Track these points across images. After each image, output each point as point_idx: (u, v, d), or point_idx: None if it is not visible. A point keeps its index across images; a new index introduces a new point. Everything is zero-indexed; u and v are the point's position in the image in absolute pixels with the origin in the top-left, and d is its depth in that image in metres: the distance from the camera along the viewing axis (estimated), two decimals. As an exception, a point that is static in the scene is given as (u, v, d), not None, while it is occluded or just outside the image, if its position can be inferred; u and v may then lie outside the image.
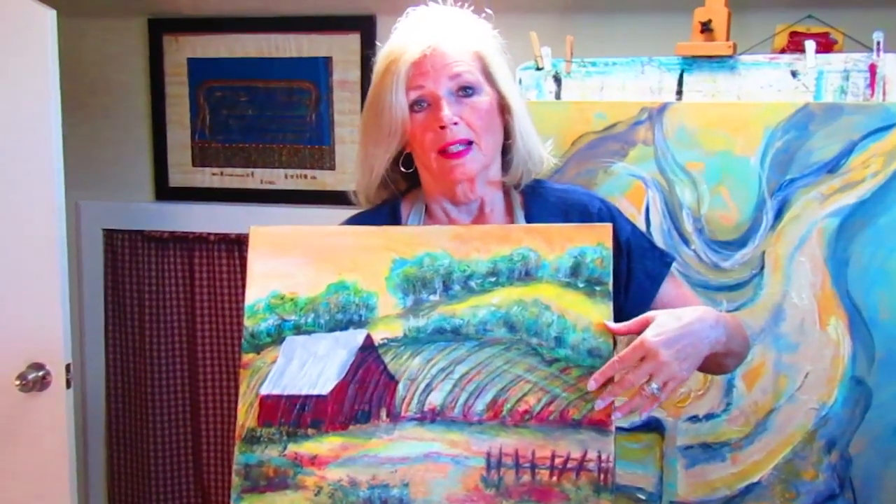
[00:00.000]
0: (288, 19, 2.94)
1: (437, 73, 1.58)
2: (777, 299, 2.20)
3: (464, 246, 1.55)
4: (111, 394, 3.27)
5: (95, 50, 3.10)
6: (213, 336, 3.17)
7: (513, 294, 1.53)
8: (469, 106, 1.60)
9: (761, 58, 2.26)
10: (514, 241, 1.54)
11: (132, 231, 3.17)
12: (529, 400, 1.49)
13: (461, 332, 1.53)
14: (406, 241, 1.57)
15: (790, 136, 2.17)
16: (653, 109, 2.27)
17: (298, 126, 3.01)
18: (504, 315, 1.52)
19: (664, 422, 2.30)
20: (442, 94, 1.58)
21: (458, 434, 1.49)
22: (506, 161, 1.70)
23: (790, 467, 2.22)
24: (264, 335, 1.55)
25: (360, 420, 1.51)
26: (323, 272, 1.56)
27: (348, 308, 1.55)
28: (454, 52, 1.60)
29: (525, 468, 1.47)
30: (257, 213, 3.05)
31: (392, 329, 1.53)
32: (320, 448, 1.50)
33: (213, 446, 3.23)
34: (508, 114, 1.66)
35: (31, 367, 2.37)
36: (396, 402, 1.51)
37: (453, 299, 1.54)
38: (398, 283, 1.55)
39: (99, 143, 3.16)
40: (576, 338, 1.50)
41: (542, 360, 1.50)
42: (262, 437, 1.51)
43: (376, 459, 1.49)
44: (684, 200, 2.25)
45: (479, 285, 1.54)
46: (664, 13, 2.58)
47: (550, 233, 1.54)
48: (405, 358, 1.53)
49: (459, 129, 1.58)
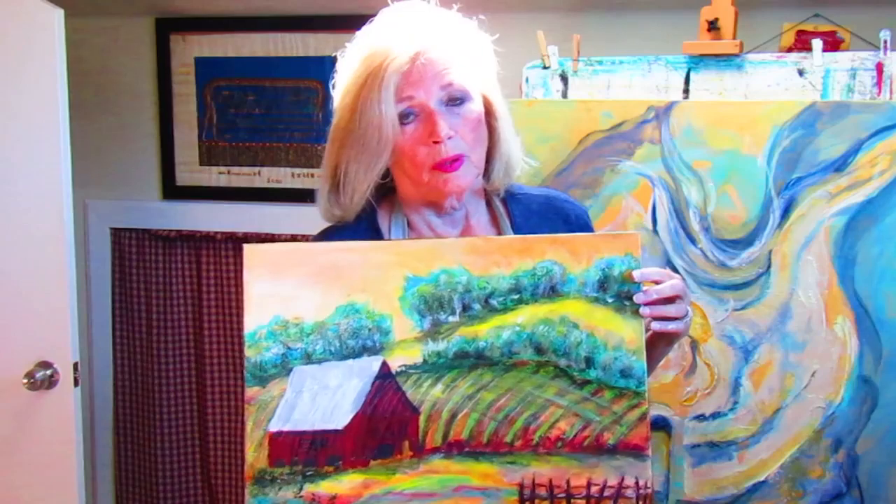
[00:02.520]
0: (295, 18, 2.95)
1: (428, 82, 1.48)
2: (784, 298, 2.20)
3: (482, 260, 1.43)
4: (119, 392, 3.28)
5: (103, 49, 3.11)
6: (220, 334, 3.18)
7: (538, 312, 1.43)
8: (461, 117, 1.50)
9: (768, 56, 2.25)
10: (536, 253, 1.43)
11: (140, 230, 3.17)
12: (561, 426, 1.43)
13: (485, 356, 1.43)
14: (419, 257, 1.43)
15: (797, 134, 2.16)
16: (660, 108, 2.26)
17: (305, 125, 3.01)
18: (530, 335, 1.43)
19: (671, 420, 2.30)
20: (434, 105, 1.48)
21: (488, 465, 1.42)
22: (487, 167, 1.60)
23: (797, 466, 2.22)
24: (269, 366, 1.41)
25: (382, 455, 1.42)
26: (330, 293, 1.42)
27: (360, 333, 1.42)
28: (444, 57, 1.49)
29: (560, 498, 1.42)
30: (264, 211, 3.05)
31: (410, 354, 1.42)
32: (340, 487, 1.41)
33: (220, 444, 3.23)
34: (494, 118, 1.57)
35: (38, 366, 2.38)
36: (420, 434, 1.42)
37: (474, 320, 1.43)
38: (414, 304, 1.43)
39: (106, 141, 3.17)
40: (607, 357, 1.43)
41: (572, 383, 1.43)
42: (276, 478, 1.40)
43: (402, 497, 1.41)
44: (691, 199, 2.25)
45: (501, 304, 1.44)
46: (671, 12, 2.57)
47: (575, 243, 1.44)
48: (426, 386, 1.43)
49: (455, 144, 1.49)
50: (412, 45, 1.47)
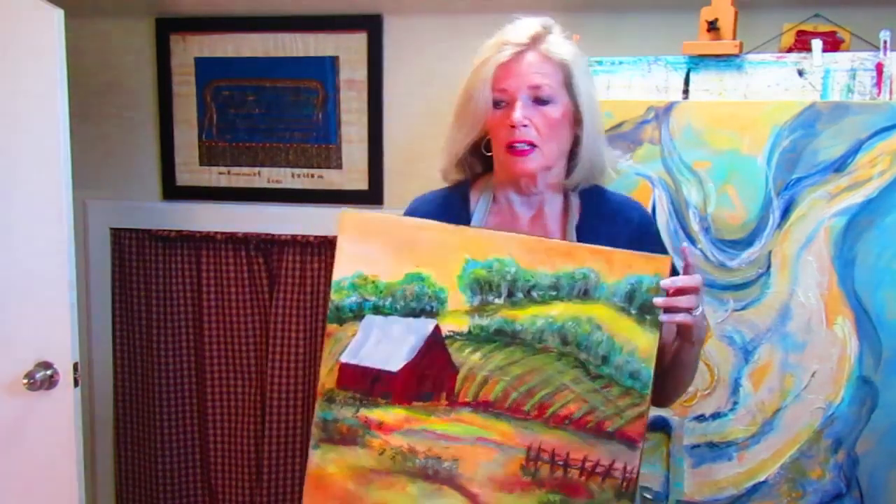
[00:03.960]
0: (295, 18, 2.95)
1: (519, 78, 1.74)
2: (784, 298, 2.20)
3: (531, 257, 1.68)
4: (119, 392, 3.28)
5: (103, 49, 3.11)
6: (220, 335, 3.18)
7: (570, 310, 1.66)
8: (540, 113, 1.74)
9: (768, 56, 2.25)
10: (578, 259, 1.66)
11: (139, 230, 3.17)
12: (571, 407, 1.66)
13: (519, 337, 1.68)
14: (479, 244, 1.70)
15: (797, 135, 2.17)
16: (659, 108, 2.27)
17: (305, 125, 3.01)
18: (559, 328, 1.67)
19: (671, 421, 2.30)
20: (519, 97, 1.74)
21: (506, 425, 1.68)
22: (570, 166, 1.84)
23: (797, 466, 2.22)
24: (347, 310, 1.73)
25: (423, 399, 1.70)
26: (403, 262, 1.71)
27: (422, 298, 1.71)
28: (538, 62, 1.75)
29: (559, 465, 1.66)
30: (264, 211, 3.05)
31: (459, 323, 1.70)
32: (387, 417, 1.71)
33: (220, 444, 3.23)
34: (579, 126, 1.80)
35: (38, 366, 2.38)
36: (456, 388, 1.69)
37: (515, 305, 1.68)
38: (468, 283, 1.70)
39: (106, 142, 3.17)
40: (620, 359, 1.64)
41: (587, 374, 1.66)
42: (339, 399, 1.73)
43: (434, 435, 1.69)
44: (691, 199, 2.25)
45: (540, 296, 1.68)
46: (671, 12, 2.57)
47: (613, 257, 1.65)
48: (467, 351, 1.70)
49: (527, 131, 1.74)
50: (517, 46, 1.75)
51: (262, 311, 3.15)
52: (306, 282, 3.06)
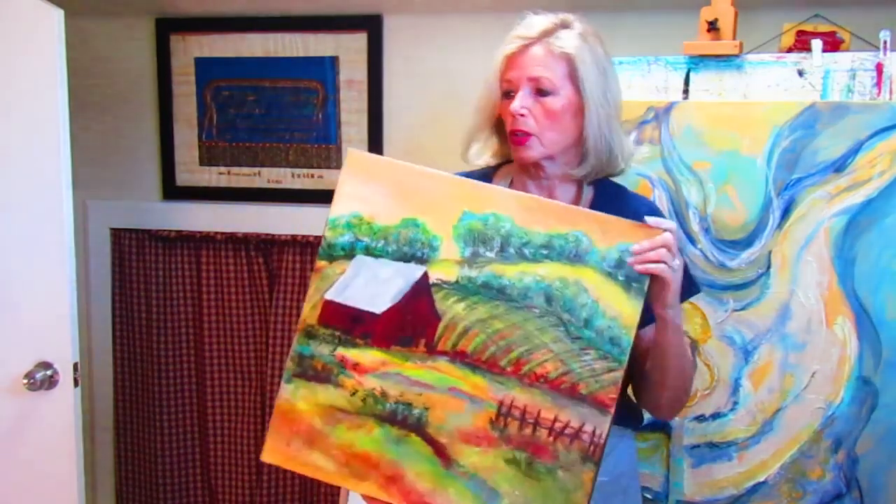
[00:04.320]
0: (295, 19, 2.95)
1: (522, 70, 1.79)
2: (784, 298, 2.20)
3: (528, 215, 1.68)
4: (119, 392, 3.28)
5: (103, 49, 3.11)
6: (220, 335, 3.18)
7: (559, 270, 1.66)
8: (540, 104, 1.79)
9: (768, 57, 2.25)
10: (573, 222, 1.66)
11: (139, 230, 3.17)
12: (548, 366, 1.65)
13: (505, 292, 1.68)
14: (478, 197, 1.71)
15: (797, 135, 2.16)
16: (659, 108, 2.27)
17: (305, 125, 3.01)
18: (546, 287, 1.67)
19: (671, 421, 2.29)
20: (521, 87, 1.79)
21: (480, 379, 1.67)
22: (577, 158, 1.86)
23: (797, 467, 2.22)
24: (339, 248, 1.74)
25: (401, 344, 1.71)
26: (401, 206, 1.72)
27: (415, 244, 1.72)
28: (541, 55, 1.79)
29: (528, 423, 1.65)
30: (264, 212, 3.05)
31: (447, 273, 1.70)
32: (363, 358, 1.71)
33: (220, 444, 3.24)
34: (584, 119, 1.81)
35: (38, 366, 2.38)
36: (436, 337, 1.69)
37: (506, 261, 1.68)
38: (462, 234, 1.70)
39: (106, 142, 3.17)
40: (602, 324, 1.64)
41: (567, 335, 1.65)
42: (319, 335, 1.74)
43: (407, 381, 1.69)
44: (691, 200, 2.25)
45: (531, 254, 1.68)
46: (671, 12, 2.58)
47: (608, 224, 1.65)
48: (452, 301, 1.70)
49: (525, 121, 1.79)
50: (525, 39, 1.81)
51: (262, 311, 3.15)
52: (306, 282, 3.05)
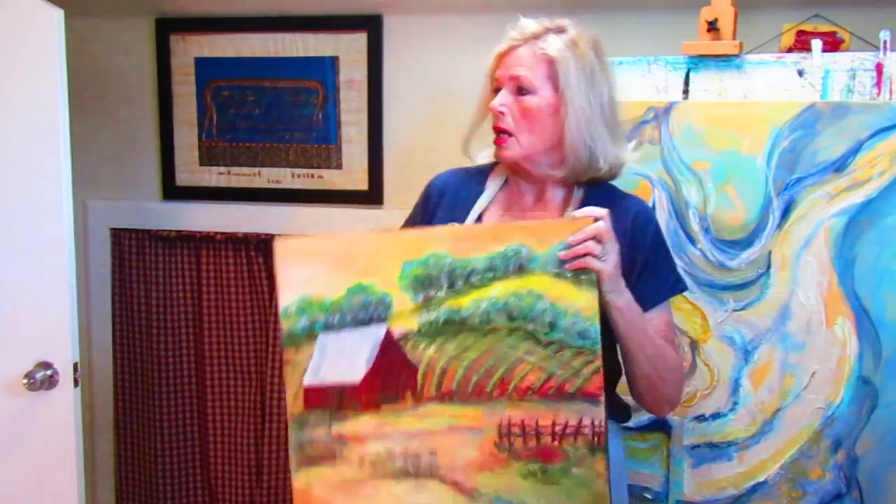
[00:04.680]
0: (295, 18, 2.95)
1: (506, 69, 1.84)
2: (784, 298, 2.20)
3: (463, 245, 1.72)
4: (119, 392, 3.28)
5: (103, 49, 3.11)
6: (220, 335, 3.18)
7: (510, 286, 1.70)
8: (519, 104, 1.83)
9: (768, 57, 2.25)
10: (507, 239, 1.70)
11: (139, 230, 3.17)
12: (531, 378, 1.69)
13: (467, 323, 1.71)
14: (412, 244, 1.73)
15: (797, 135, 2.16)
16: (659, 108, 2.27)
17: (305, 125, 3.01)
18: (503, 305, 1.70)
19: (670, 421, 2.30)
20: (504, 86, 1.84)
21: (474, 409, 1.71)
22: (559, 158, 1.86)
23: (797, 466, 2.22)
24: (299, 334, 1.74)
25: (390, 402, 1.72)
26: (343, 277, 1.73)
27: (368, 307, 1.73)
28: (523, 56, 1.83)
29: (531, 434, 1.69)
30: (264, 212, 3.05)
31: (408, 323, 1.72)
32: (359, 427, 1.73)
33: (220, 444, 3.24)
34: (564, 119, 1.82)
35: (38, 366, 2.38)
36: (418, 385, 1.72)
37: (458, 294, 1.71)
38: (409, 283, 1.72)
39: (106, 142, 3.17)
40: (567, 322, 1.69)
41: (538, 343, 1.69)
42: (310, 421, 1.74)
43: (407, 434, 1.72)
44: (690, 200, 2.25)
45: (479, 280, 1.70)
46: (671, 12, 2.57)
47: (541, 229, 1.70)
48: (421, 348, 1.72)
49: (504, 119, 1.83)
50: (513, 40, 1.85)
51: (261, 311, 3.15)
52: (306, 282, 3.05)
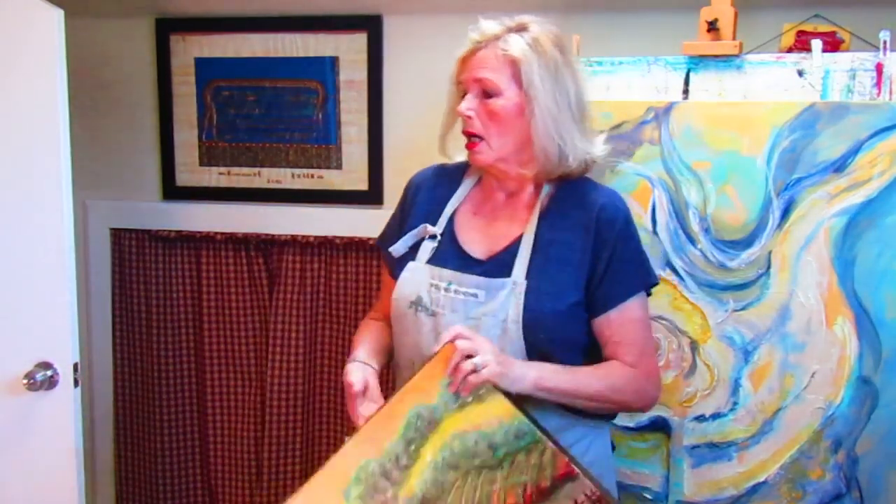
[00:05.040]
0: (295, 19, 2.95)
1: (469, 73, 1.85)
2: (784, 299, 2.20)
3: (372, 445, 1.72)
4: (118, 393, 3.28)
5: (103, 49, 3.11)
6: (220, 335, 3.18)
7: (436, 444, 1.74)
8: (486, 107, 1.83)
9: (768, 57, 2.25)
10: (400, 412, 1.74)
11: (139, 230, 3.17)
12: (510, 499, 1.73)
13: (427, 497, 1.72)
14: (338, 473, 1.71)
15: (797, 135, 2.16)
16: (659, 109, 2.27)
17: (305, 125, 3.01)
18: (441, 463, 1.73)
19: (670, 421, 2.30)
20: (470, 90, 1.85)
21: None
22: (527, 157, 1.88)
23: (797, 467, 2.22)
24: None
25: None
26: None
27: None
28: (486, 58, 1.83)
29: None
30: (264, 212, 3.05)
31: None
32: None
33: (220, 444, 3.24)
34: (531, 118, 1.82)
35: (38, 367, 2.38)
36: None
37: (401, 482, 1.72)
38: (356, 499, 1.70)
39: (106, 142, 3.17)
40: (500, 436, 1.74)
41: (494, 469, 1.74)
42: None
43: None
44: (690, 200, 2.25)
45: (407, 460, 1.73)
46: (670, 12, 2.57)
47: (420, 383, 1.74)
48: None
49: (473, 123, 1.84)
50: (474, 43, 1.85)
51: (261, 312, 3.15)
52: (306, 282, 3.06)
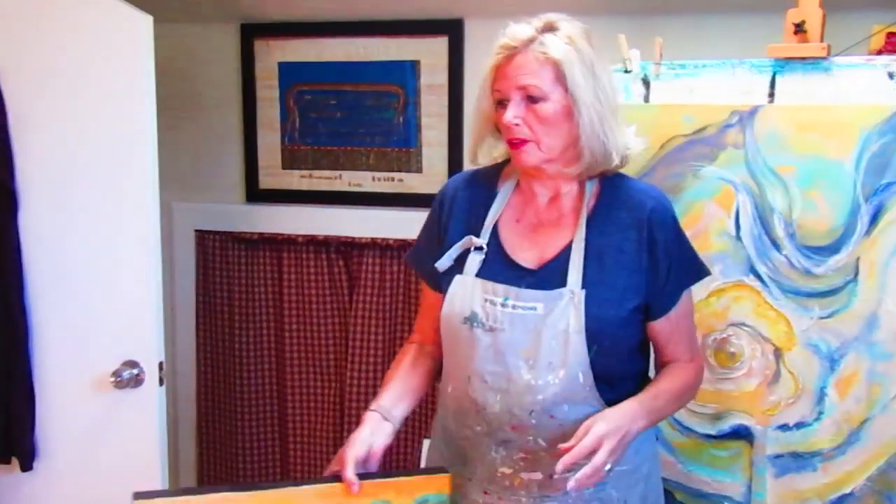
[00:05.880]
0: (376, 23, 2.97)
1: (510, 80, 1.81)
2: (871, 307, 2.15)
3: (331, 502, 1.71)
4: (201, 392, 3.34)
5: (190, 54, 3.17)
6: (300, 335, 3.22)
7: None
8: (533, 111, 1.81)
9: (857, 59, 2.20)
10: (371, 495, 1.72)
11: (223, 232, 3.23)
12: None
13: None
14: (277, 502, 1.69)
15: (887, 139, 2.11)
16: (743, 112, 2.23)
17: (385, 129, 3.03)
18: None
19: (753, 429, 2.26)
20: (512, 97, 1.81)
21: None
22: (575, 156, 1.87)
23: (884, 478, 2.17)
24: None
25: None
26: None
27: None
28: (527, 63, 1.80)
29: None
30: (345, 215, 3.08)
31: None
32: None
33: (300, 444, 3.28)
34: (576, 119, 1.82)
35: (125, 365, 2.43)
36: None
37: None
38: None
39: (192, 145, 3.23)
40: None
41: None
42: None
43: None
44: (775, 205, 2.21)
45: None
46: (755, 14, 2.54)
47: (400, 485, 1.75)
48: None
49: (520, 130, 1.81)
50: (508, 49, 1.81)
51: (341, 313, 3.18)
52: (385, 285, 3.08)
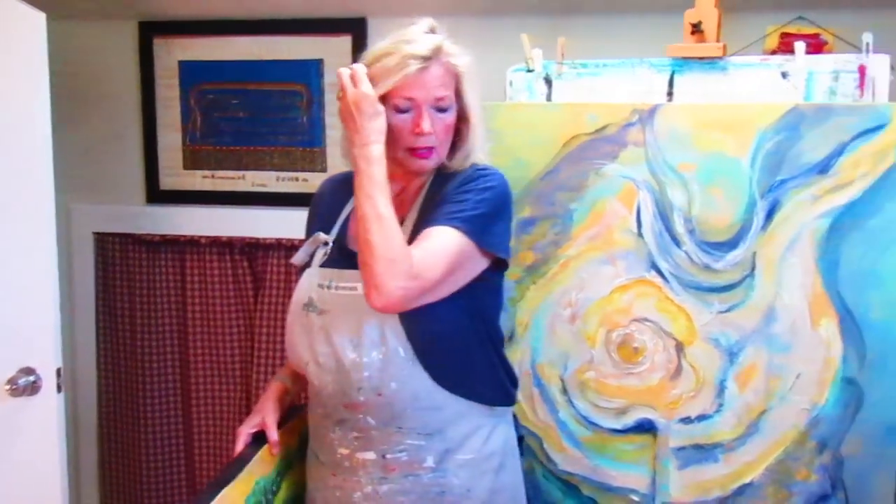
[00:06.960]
0: (279, 22, 2.94)
1: (427, 90, 1.86)
2: (769, 300, 2.20)
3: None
4: (102, 398, 3.26)
5: (86, 53, 3.10)
6: (205, 338, 3.17)
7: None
8: (440, 120, 1.89)
9: (751, 59, 2.26)
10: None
11: (123, 234, 3.16)
12: None
13: None
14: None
15: (781, 137, 2.17)
16: (644, 111, 2.26)
17: (290, 128, 3.01)
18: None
19: (657, 423, 2.30)
20: (425, 107, 1.87)
21: None
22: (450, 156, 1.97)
23: (783, 468, 2.22)
24: None
25: None
26: None
27: None
28: (441, 74, 1.88)
29: None
30: (249, 215, 3.05)
31: None
32: None
33: (205, 450, 3.22)
34: (467, 126, 1.95)
35: (21, 372, 2.36)
36: None
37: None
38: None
39: (90, 146, 3.15)
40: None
41: None
42: None
43: None
44: (675, 202, 2.25)
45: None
46: (655, 15, 2.58)
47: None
48: None
49: (429, 139, 1.89)
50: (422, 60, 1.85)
51: (246, 315, 3.14)
52: (291, 286, 3.04)
